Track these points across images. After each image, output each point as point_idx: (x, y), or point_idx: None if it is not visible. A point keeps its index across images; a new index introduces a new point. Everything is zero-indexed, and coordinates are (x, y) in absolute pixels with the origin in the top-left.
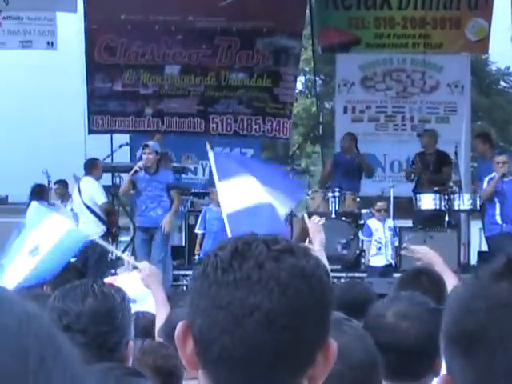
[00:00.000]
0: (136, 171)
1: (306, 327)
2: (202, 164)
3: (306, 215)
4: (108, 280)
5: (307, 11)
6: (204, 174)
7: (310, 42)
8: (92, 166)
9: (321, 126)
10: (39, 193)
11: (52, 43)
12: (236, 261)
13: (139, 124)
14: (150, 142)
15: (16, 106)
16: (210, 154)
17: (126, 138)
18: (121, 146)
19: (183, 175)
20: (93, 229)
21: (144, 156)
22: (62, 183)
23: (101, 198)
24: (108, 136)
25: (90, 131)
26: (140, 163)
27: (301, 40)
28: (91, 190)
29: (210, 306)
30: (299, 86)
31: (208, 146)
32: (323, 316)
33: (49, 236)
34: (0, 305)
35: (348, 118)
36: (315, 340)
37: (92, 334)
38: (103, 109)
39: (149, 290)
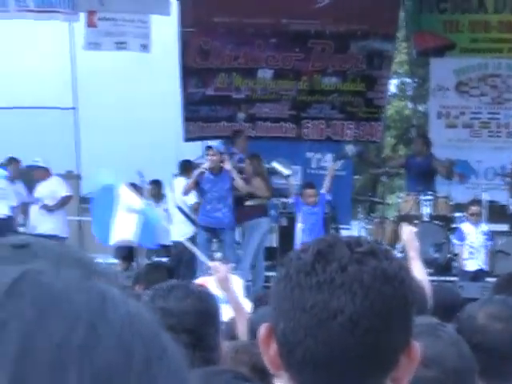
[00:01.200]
0: (202, 173)
1: (389, 329)
2: (294, 169)
3: (403, 224)
4: (199, 281)
5: (401, 13)
6: (296, 180)
7: (404, 44)
8: (187, 167)
9: (414, 129)
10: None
11: (146, 46)
12: (319, 264)
13: (231, 129)
14: (214, 144)
15: (112, 107)
16: None
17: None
18: (208, 148)
19: (274, 180)
20: (182, 230)
21: (208, 157)
22: (157, 183)
23: (191, 198)
24: None
25: (186, 139)
26: (206, 164)
27: (394, 42)
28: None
29: (293, 309)
30: (392, 88)
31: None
32: (406, 318)
33: (132, 201)
34: (103, 304)
35: (442, 123)
36: (398, 342)
37: (198, 334)
38: (196, 115)
39: (241, 292)
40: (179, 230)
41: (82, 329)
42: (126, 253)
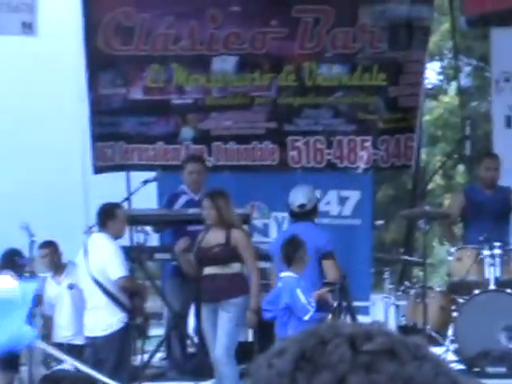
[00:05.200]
0: None
1: None
2: (276, 219)
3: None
4: None
5: None
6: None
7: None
8: (107, 217)
9: (468, 142)
10: (10, 261)
11: (30, 25)
12: (302, 373)
13: (172, 155)
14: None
15: None
16: None
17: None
18: (145, 183)
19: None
20: (104, 319)
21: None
22: (52, 246)
23: (116, 270)
24: None
25: (97, 169)
26: None
27: (432, 6)
28: (104, 257)
29: None
30: (432, 77)
31: None
32: None
33: None
34: None
35: None
36: None
37: None
38: (114, 131)
39: None
40: (99, 320)
41: None
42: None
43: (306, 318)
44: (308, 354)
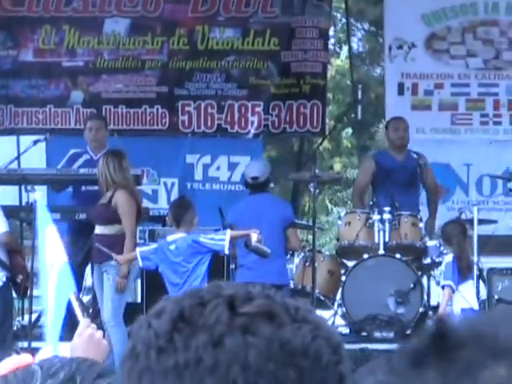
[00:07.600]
0: None
1: None
2: (165, 184)
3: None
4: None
5: None
6: (170, 202)
7: None
8: None
9: (360, 106)
10: None
11: None
12: (180, 334)
13: (62, 118)
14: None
15: None
16: None
17: None
18: (35, 143)
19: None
20: None
21: None
22: None
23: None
24: None
25: None
26: None
27: None
28: None
29: None
30: None
31: None
32: None
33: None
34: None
35: (406, 102)
36: None
37: None
38: (3, 94)
39: None
40: None
41: None
42: None
43: (227, 250)
44: (186, 315)
